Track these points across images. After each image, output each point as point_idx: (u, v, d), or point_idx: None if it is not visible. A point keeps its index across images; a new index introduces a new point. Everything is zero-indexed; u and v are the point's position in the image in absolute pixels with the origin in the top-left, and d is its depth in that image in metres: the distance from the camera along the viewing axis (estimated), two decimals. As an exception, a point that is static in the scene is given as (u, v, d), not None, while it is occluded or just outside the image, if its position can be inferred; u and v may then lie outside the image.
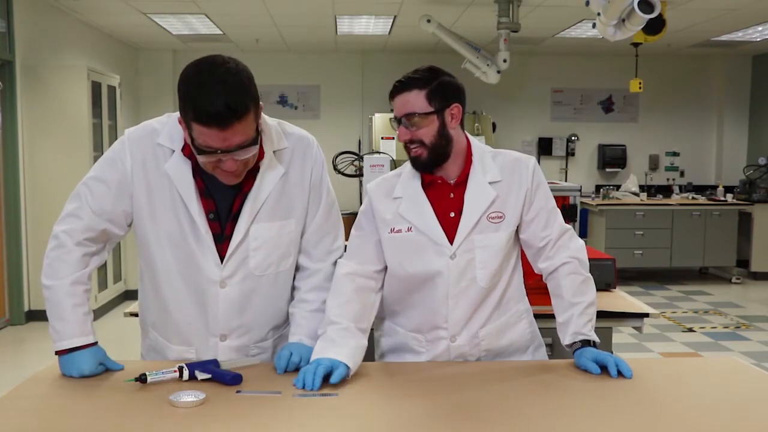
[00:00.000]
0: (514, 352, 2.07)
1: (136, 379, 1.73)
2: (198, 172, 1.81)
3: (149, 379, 1.73)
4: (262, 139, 1.82)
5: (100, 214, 1.86)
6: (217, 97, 1.59)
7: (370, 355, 2.10)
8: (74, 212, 1.88)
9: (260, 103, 1.73)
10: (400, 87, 1.91)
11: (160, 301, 1.93)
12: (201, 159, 1.70)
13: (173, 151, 1.82)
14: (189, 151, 1.78)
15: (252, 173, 1.83)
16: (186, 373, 1.76)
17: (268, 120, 1.89)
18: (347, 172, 4.35)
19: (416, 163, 1.95)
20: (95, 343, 1.85)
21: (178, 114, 1.76)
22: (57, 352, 1.84)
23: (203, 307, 1.90)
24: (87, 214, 1.86)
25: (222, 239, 1.85)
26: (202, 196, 1.82)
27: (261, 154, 1.82)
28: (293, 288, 2.01)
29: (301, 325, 1.94)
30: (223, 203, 1.84)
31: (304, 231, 1.96)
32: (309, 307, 1.96)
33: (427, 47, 8.28)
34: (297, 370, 1.84)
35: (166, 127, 1.85)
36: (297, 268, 2.00)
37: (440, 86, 1.90)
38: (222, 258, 1.86)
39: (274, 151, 1.87)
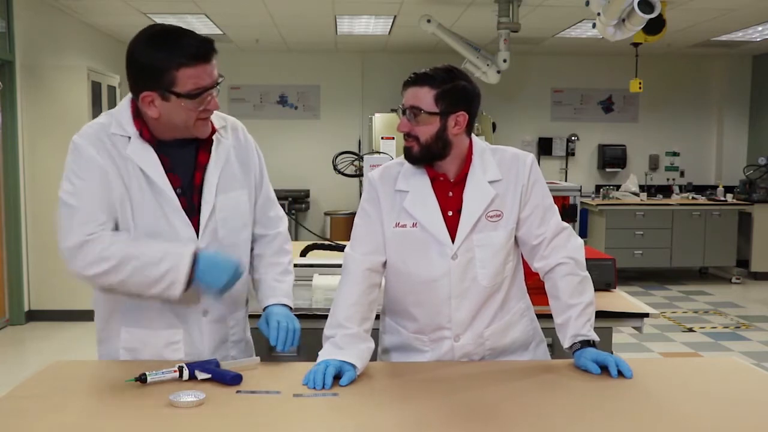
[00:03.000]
0: (517, 350, 2.07)
1: (136, 379, 1.73)
2: (157, 151, 1.87)
3: (149, 379, 1.74)
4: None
5: (96, 214, 1.89)
6: (192, 37, 1.77)
7: (372, 353, 2.10)
8: (69, 224, 1.95)
9: None
10: (414, 79, 1.91)
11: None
12: (186, 110, 1.79)
13: (129, 138, 1.87)
14: (147, 134, 1.86)
15: (206, 147, 1.93)
16: (186, 373, 1.77)
17: None
18: (347, 172, 4.34)
19: (407, 153, 1.96)
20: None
21: (117, 108, 1.91)
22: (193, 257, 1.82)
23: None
24: (84, 212, 1.91)
25: (192, 213, 1.91)
26: (167, 173, 1.88)
27: (213, 128, 1.93)
28: (253, 258, 2.09)
29: (276, 287, 2.05)
30: (185, 177, 1.92)
31: (256, 202, 2.06)
32: (279, 269, 2.08)
33: (427, 47, 8.28)
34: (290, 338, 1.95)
35: (111, 119, 1.90)
36: (255, 240, 2.09)
37: (452, 90, 1.89)
38: (197, 232, 1.91)
39: (215, 129, 1.97)
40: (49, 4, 6.35)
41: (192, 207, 1.91)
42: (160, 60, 1.76)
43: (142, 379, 1.73)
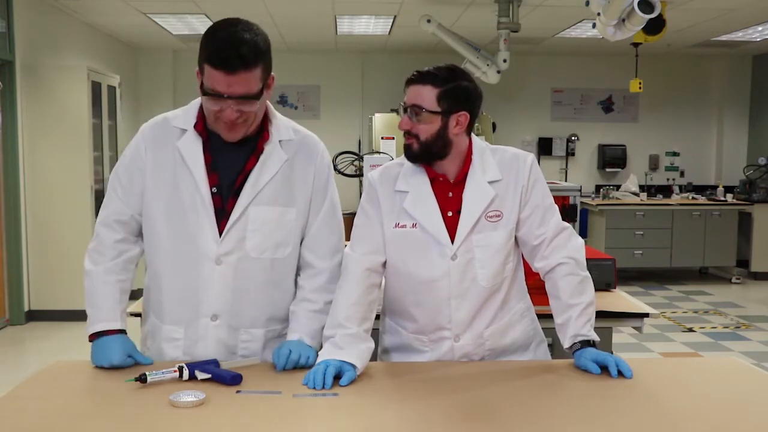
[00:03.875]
0: (517, 350, 2.07)
1: (136, 379, 1.73)
2: (207, 147, 1.90)
3: (149, 379, 1.74)
4: (269, 125, 1.94)
5: (126, 200, 1.94)
6: (231, 43, 1.73)
7: (373, 353, 2.10)
8: (104, 203, 1.99)
9: (272, 74, 1.86)
10: (417, 78, 1.90)
11: (157, 280, 1.97)
12: (206, 104, 1.81)
13: (186, 130, 1.91)
14: (201, 126, 1.90)
15: (257, 154, 1.90)
16: (186, 373, 1.76)
17: (279, 115, 2.01)
18: (347, 172, 4.34)
19: (406, 151, 1.95)
20: (123, 331, 1.92)
21: (193, 102, 1.94)
22: (89, 339, 1.91)
23: (196, 285, 1.92)
24: (113, 202, 1.96)
25: (222, 215, 1.90)
26: (208, 170, 1.89)
27: (266, 136, 1.92)
28: (297, 286, 2.02)
29: (303, 323, 1.95)
30: (226, 179, 1.90)
31: (309, 226, 1.99)
32: (312, 307, 1.98)
33: (427, 47, 8.28)
34: (295, 368, 1.86)
35: (181, 112, 1.96)
36: (302, 267, 2.02)
37: (454, 89, 1.88)
38: (220, 234, 1.90)
39: (280, 141, 1.95)
40: (49, 4, 6.35)
41: (224, 210, 1.89)
42: (202, 43, 1.79)
43: (142, 379, 1.73)
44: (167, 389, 1.70)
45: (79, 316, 2.02)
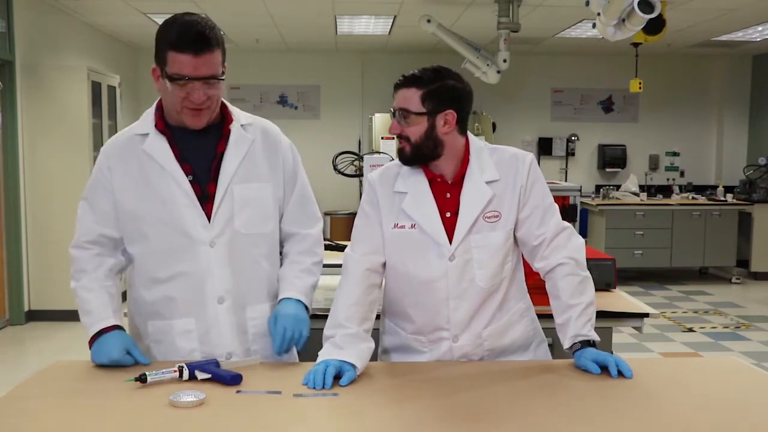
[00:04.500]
0: (517, 350, 2.07)
1: (136, 379, 1.73)
2: (172, 142, 1.96)
3: (149, 379, 1.74)
4: (230, 112, 2.02)
5: (96, 219, 2.00)
6: (193, 27, 1.83)
7: (373, 353, 2.10)
8: (76, 228, 2.04)
9: (225, 64, 1.92)
10: (402, 82, 1.94)
11: (158, 284, 1.98)
12: (172, 92, 1.86)
13: (147, 134, 1.97)
14: (162, 125, 1.97)
15: (225, 138, 1.99)
16: (186, 373, 1.77)
17: (231, 106, 2.09)
18: (347, 172, 4.34)
19: (400, 155, 1.99)
20: (119, 327, 1.95)
21: (147, 111, 2.02)
22: (89, 344, 1.93)
23: (197, 272, 1.95)
24: (82, 224, 2.01)
25: (205, 200, 1.95)
26: (179, 161, 1.95)
27: (230, 119, 2.01)
28: (282, 255, 2.12)
29: (293, 283, 2.05)
30: (200, 166, 1.97)
31: (287, 202, 2.08)
32: (299, 267, 2.08)
33: (428, 47, 8.28)
34: (292, 345, 1.97)
35: (138, 122, 2.03)
36: (285, 238, 2.12)
37: (439, 90, 1.90)
38: (209, 219, 1.95)
39: (242, 125, 2.03)
40: (49, 4, 6.35)
41: (206, 195, 1.95)
42: (160, 36, 1.87)
43: (142, 379, 1.73)
44: (167, 389, 1.70)
45: (79, 316, 2.02)
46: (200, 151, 1.97)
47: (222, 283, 1.97)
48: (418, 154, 1.94)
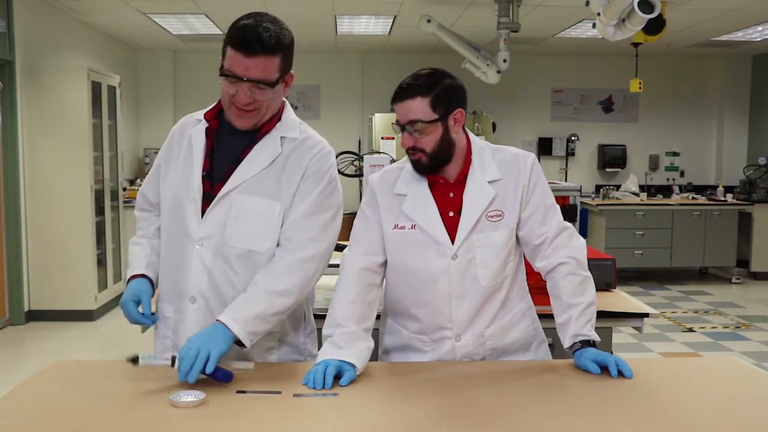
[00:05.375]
0: (518, 350, 2.07)
1: (129, 359, 1.72)
2: (213, 134, 1.97)
3: (141, 362, 1.73)
4: (280, 118, 1.96)
5: (151, 187, 2.09)
6: (255, 29, 1.81)
7: (373, 353, 2.10)
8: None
9: (292, 73, 1.92)
10: (403, 94, 1.89)
11: (162, 260, 2.04)
12: (223, 87, 1.86)
13: (201, 120, 2.00)
14: (211, 114, 1.98)
15: (253, 145, 1.94)
16: (178, 363, 1.74)
17: (295, 116, 2.03)
18: (347, 172, 4.34)
19: (417, 166, 1.95)
20: (143, 276, 1.99)
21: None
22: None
23: (180, 265, 1.95)
24: (145, 186, 2.12)
25: (209, 200, 1.93)
26: (206, 156, 1.95)
27: (265, 128, 1.93)
28: None
29: (233, 307, 1.84)
30: (219, 166, 1.95)
31: (287, 218, 1.91)
32: (254, 290, 1.86)
33: (427, 47, 8.28)
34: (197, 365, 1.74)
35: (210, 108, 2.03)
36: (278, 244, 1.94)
37: (443, 92, 1.89)
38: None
39: (283, 137, 1.95)
40: (49, 4, 6.35)
41: (212, 195, 1.93)
42: (228, 31, 1.87)
43: (134, 359, 1.72)
44: (167, 389, 1.70)
45: (79, 316, 2.03)
46: (228, 150, 1.95)
47: (196, 283, 1.92)
48: (436, 161, 1.93)
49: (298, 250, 1.89)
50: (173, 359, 1.75)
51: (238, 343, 1.82)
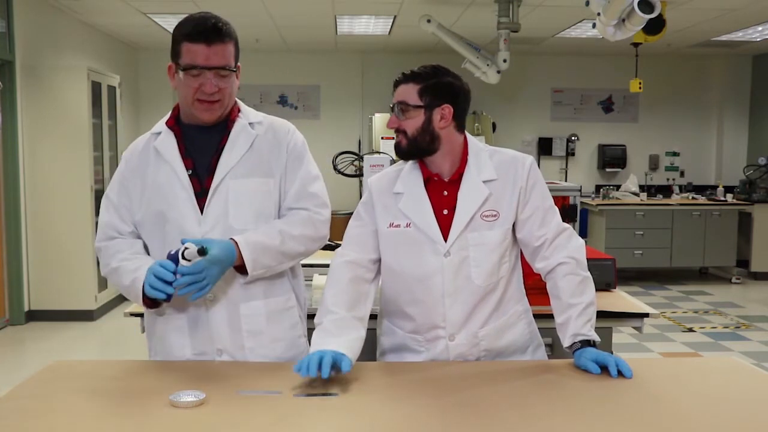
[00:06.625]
0: (514, 352, 2.07)
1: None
2: (180, 139, 2.00)
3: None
4: (239, 108, 2.05)
5: (119, 215, 2.04)
6: (207, 20, 1.89)
7: (371, 354, 2.11)
8: (98, 227, 2.08)
9: (239, 65, 1.97)
10: (402, 78, 1.99)
11: None
12: (186, 82, 1.91)
13: (160, 133, 2.03)
14: (172, 121, 2.03)
15: (228, 134, 2.00)
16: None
17: (247, 106, 2.10)
18: (347, 172, 4.34)
19: (396, 149, 2.01)
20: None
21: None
22: (146, 305, 1.95)
23: None
24: (105, 217, 2.05)
25: (203, 194, 1.96)
26: (183, 157, 1.99)
27: (233, 116, 2.02)
28: None
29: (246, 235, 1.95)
30: (201, 161, 1.99)
31: (288, 190, 2.03)
32: (269, 228, 1.98)
33: (427, 47, 8.28)
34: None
35: (157, 123, 2.07)
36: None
37: (436, 85, 1.94)
38: (202, 213, 1.96)
39: (250, 123, 2.04)
40: (49, 4, 6.35)
41: (204, 190, 1.96)
42: (176, 32, 1.93)
43: (202, 251, 1.79)
44: (167, 389, 1.70)
45: (79, 316, 2.03)
46: (204, 146, 2.00)
47: None
48: (414, 147, 1.97)
49: (314, 213, 2.04)
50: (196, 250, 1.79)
51: (240, 269, 1.92)
